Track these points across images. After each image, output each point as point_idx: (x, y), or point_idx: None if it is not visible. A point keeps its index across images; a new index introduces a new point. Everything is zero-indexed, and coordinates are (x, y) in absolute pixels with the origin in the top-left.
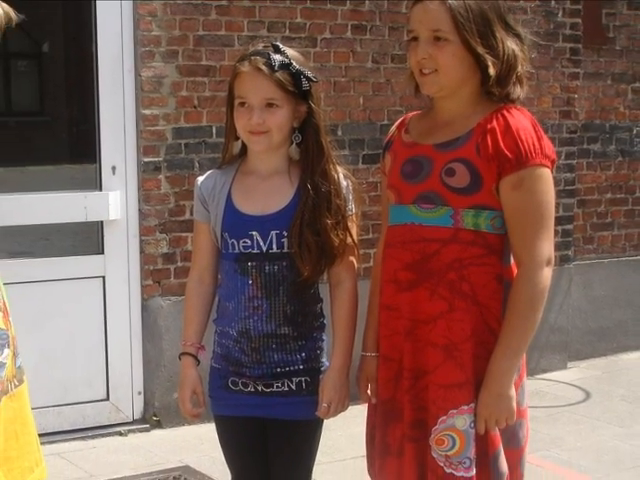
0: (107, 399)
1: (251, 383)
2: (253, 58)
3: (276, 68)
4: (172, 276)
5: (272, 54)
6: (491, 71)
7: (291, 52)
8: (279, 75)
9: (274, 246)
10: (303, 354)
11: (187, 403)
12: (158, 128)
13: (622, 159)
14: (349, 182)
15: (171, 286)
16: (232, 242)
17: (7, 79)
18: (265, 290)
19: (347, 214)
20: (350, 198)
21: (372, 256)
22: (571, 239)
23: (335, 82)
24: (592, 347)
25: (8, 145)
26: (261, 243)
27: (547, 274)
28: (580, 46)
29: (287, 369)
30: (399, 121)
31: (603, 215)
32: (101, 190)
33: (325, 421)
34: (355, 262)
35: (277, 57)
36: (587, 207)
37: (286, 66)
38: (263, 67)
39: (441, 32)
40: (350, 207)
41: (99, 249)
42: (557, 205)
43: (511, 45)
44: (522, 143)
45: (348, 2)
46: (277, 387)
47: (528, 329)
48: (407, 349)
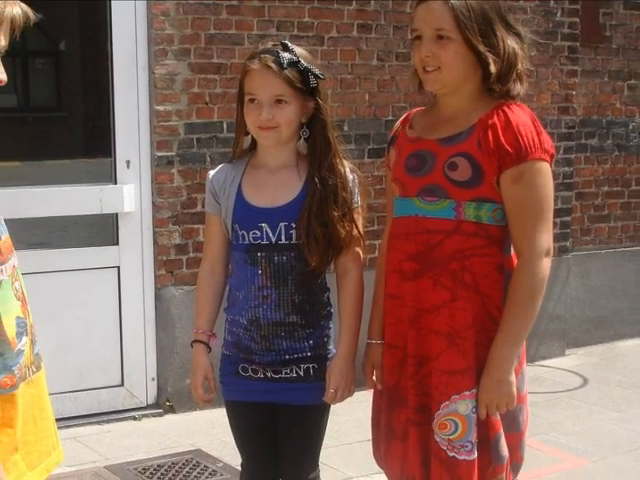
0: (122, 385)
1: (261, 370)
2: (262, 56)
3: (285, 66)
4: (184, 266)
5: (281, 52)
6: (492, 68)
7: (299, 50)
8: (288, 72)
9: (283, 237)
10: (311, 342)
11: (199, 389)
12: (171, 124)
13: (618, 153)
14: (355, 175)
15: (183, 276)
16: (242, 233)
17: (25, 76)
18: (274, 280)
19: (353, 206)
20: (356, 191)
21: (377, 247)
22: (569, 231)
23: (341, 79)
24: (589, 335)
25: (26, 140)
26: (270, 234)
27: (546, 264)
28: (578, 44)
29: (295, 356)
30: (403, 117)
31: (600, 207)
32: (116, 183)
33: (332, 406)
34: (361, 253)
35: (286, 55)
36: (585, 200)
37: (294, 64)
38: (272, 65)
39: (444, 31)
40: (356, 200)
41: (114, 240)
42: (556, 198)
43: (511, 43)
44: (522, 138)
45: (354, 2)
46: (286, 373)
47: (528, 317)
48: (411, 337)
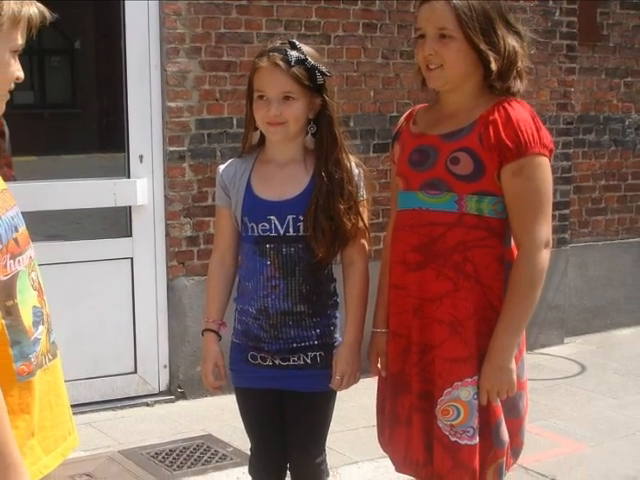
0: (135, 372)
1: (269, 357)
2: (271, 54)
3: (292, 63)
4: (195, 257)
5: (289, 50)
6: (493, 66)
7: (306, 48)
8: (295, 70)
9: (291, 229)
10: (318, 330)
11: (209, 376)
12: (182, 119)
13: (615, 148)
14: (361, 170)
15: (194, 267)
16: (251, 226)
17: (42, 74)
18: (282, 270)
19: (359, 200)
20: (361, 185)
21: (382, 239)
22: (567, 223)
23: (347, 76)
24: (587, 324)
25: (43, 135)
26: (278, 227)
27: (545, 256)
28: (576, 43)
29: (303, 344)
30: (407, 113)
31: (597, 201)
32: (129, 177)
33: (338, 393)
34: (366, 244)
35: (293, 53)
36: (582, 193)
37: (302, 62)
38: (280, 62)
39: (446, 30)
40: (361, 193)
41: (127, 232)
42: (554, 191)
43: (512, 42)
44: (522, 133)
45: (359, 2)
46: (293, 361)
47: (528, 307)
48: (415, 325)
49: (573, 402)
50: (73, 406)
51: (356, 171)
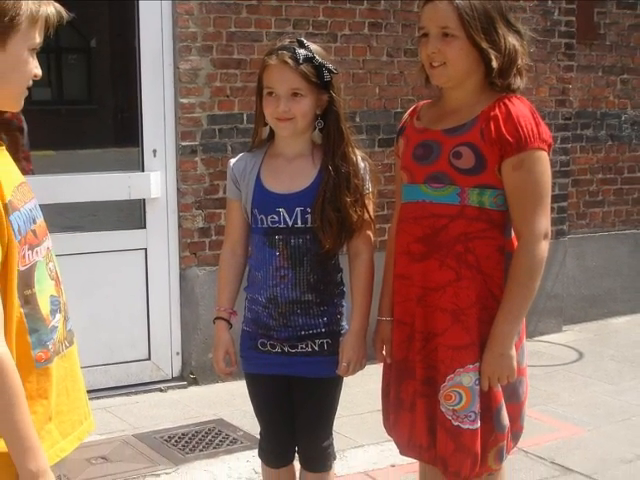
0: (149, 359)
1: (278, 344)
2: (280, 52)
3: (301, 61)
4: (207, 248)
5: (297, 49)
6: (494, 64)
7: (314, 47)
8: (303, 67)
9: (299, 221)
10: (325, 318)
11: (220, 362)
12: (194, 115)
13: (612, 143)
14: (366, 164)
15: (206, 257)
16: (261, 217)
17: (59, 71)
18: (291, 261)
19: (364, 192)
20: (367, 178)
21: (387, 230)
22: (566, 215)
23: (353, 74)
24: (585, 312)
25: (60, 130)
26: (287, 218)
27: (544, 246)
28: (574, 41)
29: (310, 332)
30: (411, 109)
31: (595, 193)
32: (143, 171)
33: (344, 378)
34: (372, 236)
35: (301, 51)
36: (580, 186)
37: (310, 59)
38: (289, 60)
39: (449, 29)
40: (367, 186)
41: (141, 224)
42: (553, 184)
43: (512, 40)
44: (522, 129)
45: (365, 2)
46: (301, 348)
47: (527, 296)
48: (419, 314)
49: (571, 388)
50: (89, 391)
51: (362, 165)
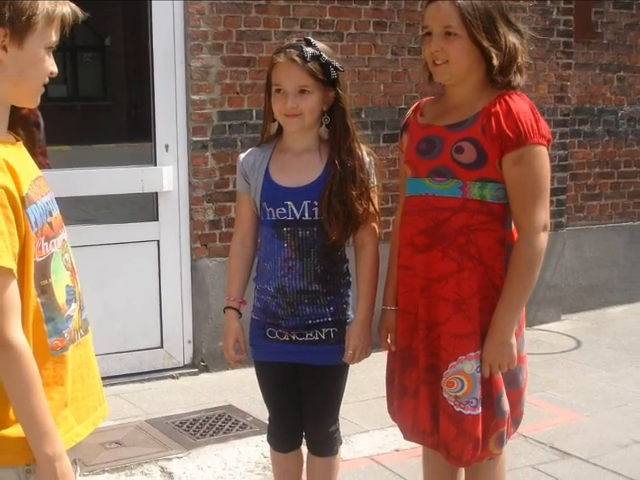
0: (161, 347)
1: (286, 333)
2: (288, 50)
3: (308, 59)
4: (217, 240)
5: (304, 47)
6: (495, 62)
7: (321, 45)
8: (310, 65)
9: (306, 214)
10: (331, 308)
11: (230, 350)
12: (205, 111)
13: (608, 138)
14: (371, 158)
15: (217, 249)
16: (270, 210)
17: (74, 69)
18: (298, 252)
19: (370, 186)
20: (372, 172)
21: (391, 223)
22: (564, 208)
23: (359, 71)
24: (582, 302)
25: (75, 126)
26: (295, 211)
27: (543, 238)
28: (572, 40)
29: (317, 321)
30: (415, 105)
31: (592, 187)
32: (156, 165)
33: (350, 366)
34: (377, 228)
35: (309, 50)
36: (578, 180)
37: (317, 57)
38: (297, 58)
39: (451, 28)
40: (372, 180)
41: (154, 217)
42: (552, 178)
43: (512, 39)
44: (522, 124)
45: (370, 2)
46: (309, 337)
47: (527, 286)
48: (422, 304)
49: (569, 375)
50: (104, 378)
51: (367, 159)
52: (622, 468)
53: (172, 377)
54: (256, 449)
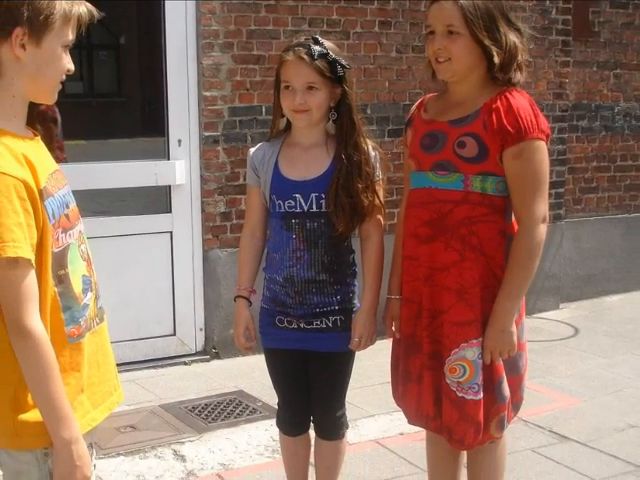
0: (174, 334)
1: (294, 321)
2: (296, 49)
3: (316, 57)
4: (228, 231)
5: (312, 45)
6: (496, 60)
7: (328, 44)
8: (318, 63)
9: (314, 206)
10: (338, 297)
11: (241, 338)
12: (217, 107)
13: (605, 133)
14: (377, 152)
15: (227, 240)
16: (279, 203)
17: (90, 66)
18: (306, 243)
19: (375, 179)
20: (378, 166)
21: (396, 215)
22: (563, 200)
23: (365, 69)
24: (580, 291)
25: (91, 122)
26: (303, 204)
27: (543, 230)
28: (570, 39)
29: (325, 309)
30: (418, 101)
31: (589, 180)
32: (169, 159)
33: (356, 353)
34: (382, 220)
35: (316, 48)
36: (576, 174)
37: (324, 55)
38: (305, 56)
39: (454, 27)
40: (377, 173)
41: (167, 209)
42: (551, 172)
43: (512, 38)
44: (522, 120)
45: (376, 1)
46: (316, 324)
47: (527, 276)
48: (425, 292)
49: (568, 361)
50: (118, 365)
51: (373, 154)
52: (618, 451)
53: (184, 363)
54: (266, 433)
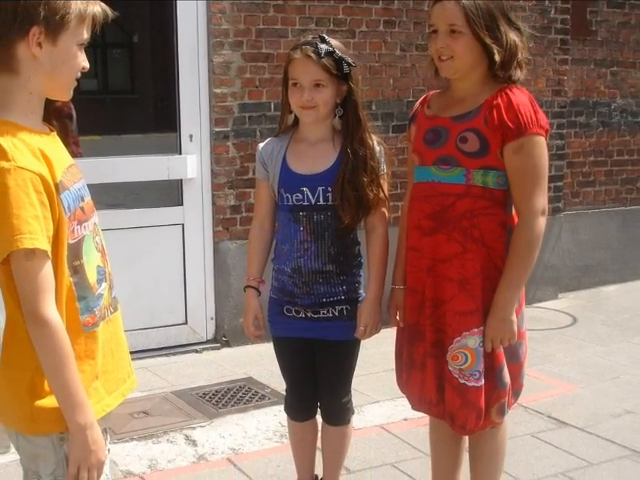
0: (186, 323)
1: (302, 310)
2: (304, 47)
3: (322, 55)
4: (238, 224)
5: (319, 44)
6: (497, 58)
7: (334, 42)
8: (325, 61)
9: (321, 199)
10: (344, 287)
11: (250, 326)
12: (227, 104)
13: (602, 129)
14: (381, 147)
15: (237, 232)
16: (287, 196)
17: (104, 65)
18: (313, 235)
19: (380, 173)
20: (382, 160)
21: (400, 207)
22: (561, 194)
23: (370, 66)
24: (578, 281)
25: (105, 118)
26: (310, 197)
27: (542, 222)
28: (568, 37)
29: (331, 299)
30: (422, 98)
31: (587, 174)
32: (181, 154)
33: (362, 341)
34: (386, 212)
35: (323, 46)
36: (574, 168)
37: (330, 53)
38: (312, 54)
39: (456, 26)
40: (382, 168)
41: (179, 202)
42: (550, 166)
43: (513, 37)
44: (521, 116)
45: (380, 1)
46: (323, 314)
47: (527, 266)
48: (429, 283)
49: (566, 349)
50: (132, 353)
51: (377, 148)
52: (615, 436)
53: (196, 351)
54: (274, 418)
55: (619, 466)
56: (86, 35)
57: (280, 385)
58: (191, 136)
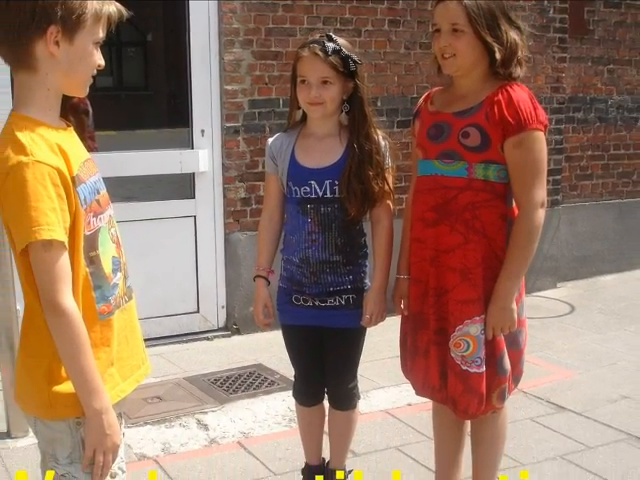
0: (197, 312)
1: (310, 299)
2: (312, 45)
3: (329, 53)
4: (248, 215)
5: (326, 42)
6: (497, 56)
7: (341, 41)
8: (332, 59)
9: (328, 192)
10: (350, 277)
11: (260, 315)
12: (237, 100)
13: (599, 124)
14: (386, 142)
15: (247, 223)
16: (295, 189)
17: (119, 62)
18: (321, 226)
19: (385, 167)
20: (387, 154)
21: (404, 200)
22: (560, 187)
23: (375, 64)
24: (576, 271)
25: (120, 114)
26: (318, 190)
27: (541, 214)
28: (567, 36)
29: (338, 288)
30: (425, 95)
31: (585, 168)
32: (193, 149)
33: (367, 329)
34: (391, 205)
35: (330, 45)
36: (572, 162)
37: (337, 52)
38: (319, 52)
39: (458, 25)
40: (387, 161)
41: (191, 195)
42: (549, 160)
43: (513, 35)
44: (521, 112)
45: (385, 1)
46: (330, 302)
47: (526, 257)
48: (432, 273)
49: (564, 337)
50: (146, 340)
51: (383, 143)
52: (611, 420)
53: (207, 339)
54: (283, 403)
55: (615, 449)
56: (102, 34)
57: (289, 371)
58: (203, 131)
